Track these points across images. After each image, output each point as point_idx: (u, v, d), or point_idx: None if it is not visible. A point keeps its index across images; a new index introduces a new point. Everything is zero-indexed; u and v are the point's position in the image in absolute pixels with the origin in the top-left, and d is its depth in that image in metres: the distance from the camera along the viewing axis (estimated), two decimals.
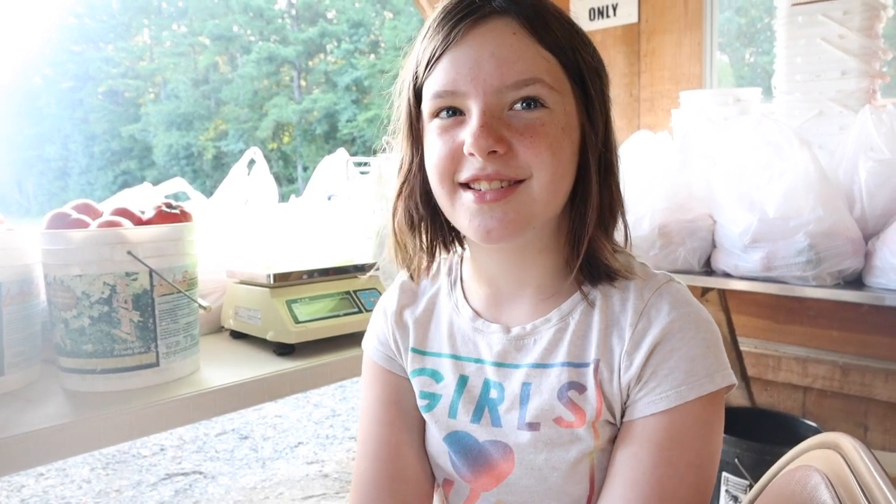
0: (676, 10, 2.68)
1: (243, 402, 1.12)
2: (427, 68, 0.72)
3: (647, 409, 0.71)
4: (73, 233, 1.03)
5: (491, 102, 0.68)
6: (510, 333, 0.79)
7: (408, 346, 0.86)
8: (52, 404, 1.00)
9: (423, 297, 0.88)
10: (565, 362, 0.75)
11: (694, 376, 0.70)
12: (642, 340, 0.72)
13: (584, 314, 0.77)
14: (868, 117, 1.80)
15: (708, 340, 0.72)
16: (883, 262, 1.63)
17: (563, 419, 0.74)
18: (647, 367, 0.72)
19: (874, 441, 2.28)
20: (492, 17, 0.70)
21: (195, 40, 26.70)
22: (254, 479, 2.81)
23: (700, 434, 0.71)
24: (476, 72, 0.68)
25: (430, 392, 0.83)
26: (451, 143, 0.70)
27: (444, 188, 0.72)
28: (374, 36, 25.77)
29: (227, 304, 1.39)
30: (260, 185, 1.58)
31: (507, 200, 0.69)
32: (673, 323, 0.72)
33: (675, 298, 0.74)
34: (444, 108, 0.71)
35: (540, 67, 0.69)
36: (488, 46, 0.69)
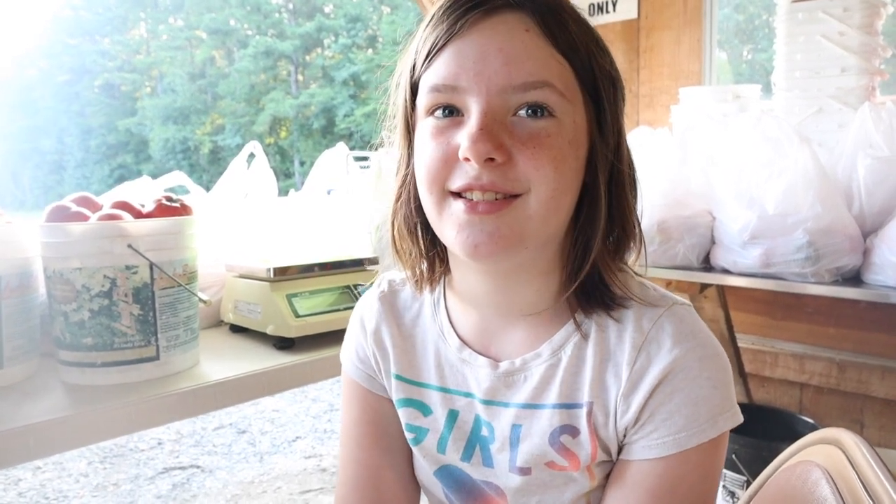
0: (676, 6, 2.68)
1: (243, 396, 1.12)
2: (427, 59, 0.65)
3: (642, 453, 0.67)
4: (73, 226, 1.03)
5: (494, 103, 0.61)
6: (498, 369, 0.72)
7: (389, 370, 0.80)
8: (52, 397, 1.00)
9: (405, 316, 0.81)
10: (557, 404, 0.69)
11: (695, 422, 0.64)
12: (641, 381, 0.66)
13: (577, 347, 0.70)
14: (867, 115, 1.80)
15: (714, 379, 0.65)
16: (881, 259, 1.63)
17: (555, 464, 0.70)
18: (645, 410, 0.66)
19: (870, 437, 2.28)
20: (504, 10, 0.63)
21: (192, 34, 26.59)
22: (251, 474, 2.81)
23: (696, 481, 0.66)
24: (481, 66, 0.61)
25: (417, 426, 0.77)
26: (445, 146, 0.63)
27: (433, 195, 0.65)
28: (371, 31, 25.70)
29: (227, 297, 1.39)
30: (259, 178, 1.57)
31: (500, 214, 0.62)
32: (675, 361, 0.65)
33: (678, 330, 0.67)
34: (441, 105, 0.64)
35: (551, 71, 0.62)
36: (497, 40, 0.61)
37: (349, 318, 1.31)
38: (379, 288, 0.84)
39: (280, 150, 24.86)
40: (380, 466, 0.79)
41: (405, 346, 0.79)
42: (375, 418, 0.81)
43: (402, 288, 0.82)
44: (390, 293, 0.82)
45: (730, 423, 0.66)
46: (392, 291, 0.82)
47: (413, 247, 0.74)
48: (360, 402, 0.82)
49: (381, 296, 0.82)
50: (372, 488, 0.78)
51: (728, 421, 0.66)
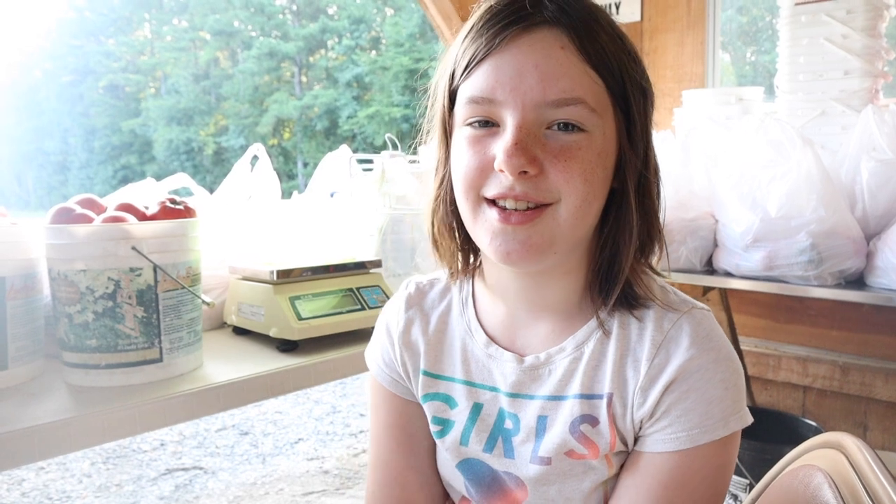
0: (679, 9, 2.68)
1: (246, 398, 1.12)
2: (465, 71, 0.68)
3: (657, 446, 0.69)
4: (78, 228, 1.03)
5: (528, 118, 0.65)
6: (524, 363, 0.75)
7: (418, 369, 0.82)
8: (56, 399, 1.01)
9: (434, 314, 0.84)
10: (578, 394, 0.72)
11: (709, 419, 0.67)
12: (658, 377, 0.69)
13: (600, 343, 0.73)
14: (871, 117, 1.80)
15: (727, 381, 0.69)
16: (884, 262, 1.63)
17: (575, 452, 0.72)
18: (660, 405, 0.69)
19: (874, 441, 2.28)
20: (541, 27, 0.65)
21: (196, 35, 26.63)
22: (254, 475, 2.81)
23: (707, 477, 0.69)
24: (517, 82, 0.64)
25: (444, 418, 0.80)
26: (481, 155, 0.67)
27: (469, 201, 0.69)
28: (375, 32, 25.71)
29: (230, 300, 1.39)
30: (263, 181, 1.58)
31: (532, 224, 0.66)
32: (692, 361, 0.68)
33: (696, 332, 0.70)
34: (478, 116, 0.67)
35: (584, 87, 0.65)
36: (533, 57, 0.64)
37: (352, 320, 1.32)
38: (406, 290, 0.87)
39: (283, 152, 24.88)
40: (404, 469, 0.83)
41: (433, 342, 0.82)
42: (401, 422, 0.84)
43: (430, 289, 0.86)
44: (417, 294, 0.86)
45: (740, 423, 0.69)
46: (419, 293, 0.86)
47: (451, 242, 0.79)
48: (386, 406, 0.86)
49: (408, 298, 0.86)
50: (399, 489, 0.83)
51: (738, 422, 0.69)
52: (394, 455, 0.84)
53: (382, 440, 0.85)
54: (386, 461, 0.84)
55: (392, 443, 0.84)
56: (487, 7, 0.69)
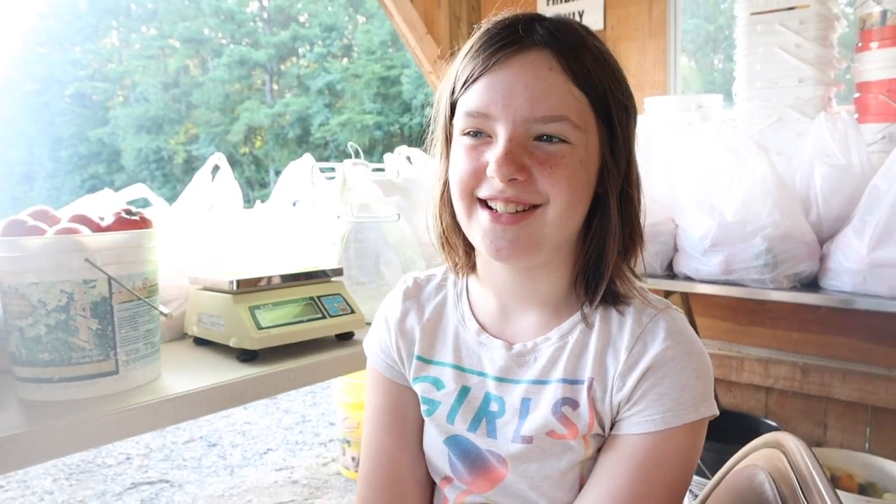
0: (641, 17, 2.73)
1: (205, 409, 1.11)
2: (464, 86, 0.76)
3: (633, 428, 0.76)
4: (29, 240, 1.02)
5: (518, 131, 0.72)
6: (512, 350, 0.82)
7: (412, 354, 0.90)
8: (7, 414, 0.99)
9: (429, 305, 0.92)
10: (561, 379, 0.79)
11: (681, 404, 0.74)
12: (636, 364, 0.76)
13: (583, 334, 0.80)
14: (823, 124, 1.85)
15: (698, 371, 0.76)
16: (837, 265, 1.68)
17: (555, 432, 0.78)
18: (637, 389, 0.75)
19: (833, 439, 2.34)
20: (532, 49, 0.73)
21: (165, 43, 26.34)
22: (222, 487, 2.78)
23: (678, 459, 0.75)
24: (508, 100, 0.72)
25: (431, 398, 0.87)
26: (476, 161, 0.74)
27: (464, 202, 0.77)
28: (346, 40, 25.68)
29: (191, 310, 1.38)
30: (224, 190, 1.57)
31: (521, 225, 0.73)
32: (667, 350, 0.75)
33: (671, 327, 0.77)
34: (474, 128, 0.75)
35: (569, 106, 0.72)
36: (523, 78, 0.72)
37: (313, 329, 1.32)
38: (405, 284, 0.95)
39: (255, 160, 24.68)
40: (396, 449, 0.90)
41: (427, 329, 0.90)
42: (394, 405, 0.91)
43: (426, 283, 0.95)
44: (415, 287, 0.94)
45: (709, 411, 0.76)
46: (416, 286, 0.94)
47: (458, 239, 0.86)
48: (381, 390, 0.93)
49: (405, 290, 0.94)
50: (391, 468, 0.89)
51: (707, 409, 0.76)
52: (386, 436, 0.90)
53: (377, 422, 0.92)
54: (379, 441, 0.91)
55: (385, 425, 0.91)
56: (485, 29, 0.78)
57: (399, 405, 0.91)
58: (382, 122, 21.75)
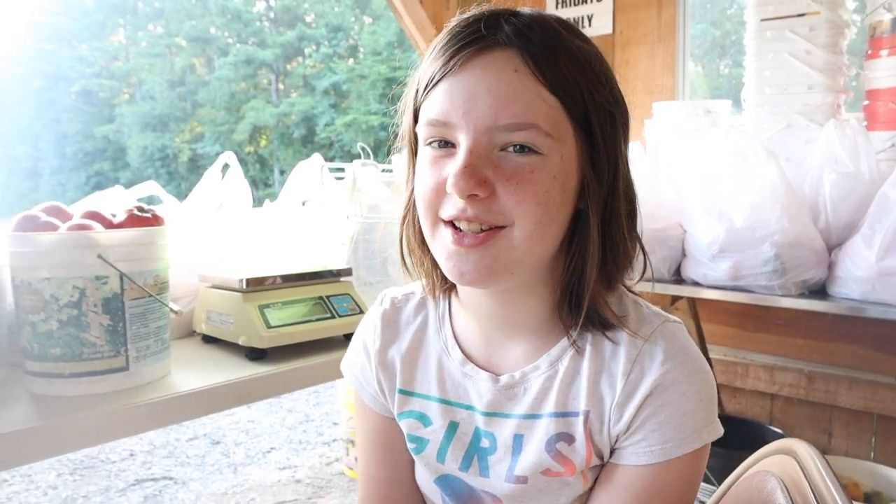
0: (650, 22, 2.73)
1: (214, 407, 1.11)
2: (425, 90, 0.69)
3: (632, 459, 0.71)
4: (42, 235, 1.02)
5: (480, 141, 0.64)
6: (499, 383, 0.75)
7: (394, 387, 0.83)
8: (18, 408, 0.99)
9: (408, 331, 0.84)
10: (553, 412, 0.73)
11: (683, 433, 0.69)
12: (634, 392, 0.70)
13: (573, 360, 0.73)
14: (833, 131, 1.84)
15: (701, 393, 0.70)
16: (845, 272, 1.68)
17: (551, 471, 0.73)
18: (636, 419, 0.70)
19: (838, 447, 2.33)
20: (496, 49, 0.65)
21: (172, 41, 26.39)
22: (225, 485, 2.78)
23: (679, 487, 0.71)
24: (469, 106, 0.64)
25: (418, 436, 0.81)
26: (437, 176, 0.67)
27: (428, 220, 0.69)
28: (353, 40, 25.70)
29: (199, 308, 1.39)
30: (234, 189, 1.57)
31: (484, 247, 0.65)
32: (666, 375, 0.69)
33: (670, 345, 0.71)
34: (435, 137, 0.67)
35: (538, 112, 0.64)
36: (486, 81, 0.64)
37: (322, 328, 1.32)
38: (381, 307, 0.86)
39: (260, 159, 24.71)
40: (388, 483, 0.86)
41: (407, 360, 0.82)
42: (381, 437, 0.86)
43: (404, 304, 0.86)
44: (392, 310, 0.85)
45: (712, 436, 0.71)
46: (394, 308, 0.85)
47: (424, 257, 0.77)
48: (369, 420, 0.87)
49: (383, 314, 0.85)
50: (381, 498, 0.86)
51: (711, 434, 0.71)
52: (377, 468, 0.86)
53: (367, 453, 0.88)
54: (372, 474, 0.87)
55: (375, 456, 0.86)
56: (449, 28, 0.69)
57: (386, 436, 0.85)
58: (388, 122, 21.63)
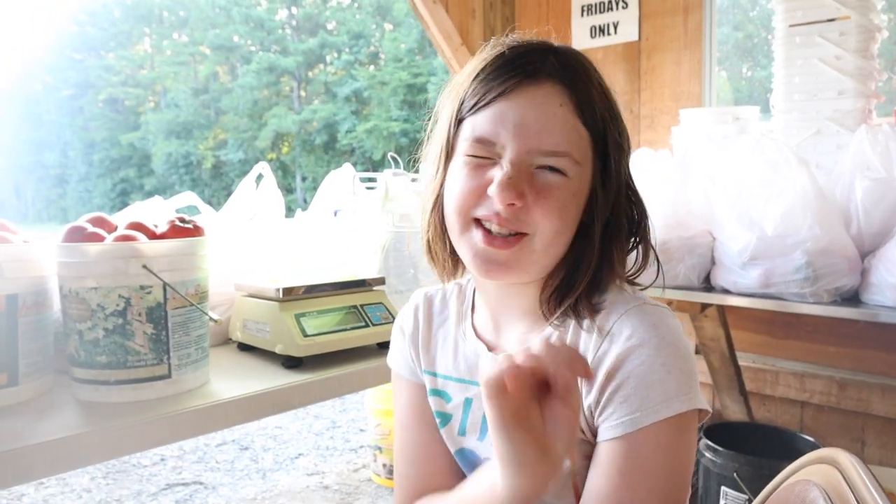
0: (676, 28, 2.72)
1: (253, 415, 1.13)
2: (473, 108, 0.78)
3: (606, 433, 0.74)
4: (90, 246, 1.05)
5: (522, 160, 0.74)
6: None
7: (422, 366, 0.94)
8: (66, 415, 1.02)
9: (436, 320, 0.96)
10: None
11: (649, 402, 0.71)
12: (600, 366, 0.75)
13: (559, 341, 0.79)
14: (864, 136, 1.83)
15: (668, 365, 0.72)
16: (879, 279, 1.66)
17: None
18: (604, 393, 0.74)
19: (872, 456, 2.30)
20: (545, 81, 0.76)
21: (196, 50, 26.80)
22: (254, 491, 2.82)
23: (661, 460, 0.71)
24: (519, 130, 0.74)
25: (442, 412, 0.91)
26: (478, 180, 0.76)
27: (459, 218, 0.78)
28: (374, 47, 25.89)
29: (236, 316, 1.41)
30: (267, 199, 1.60)
31: (512, 251, 0.76)
32: (631, 348, 0.73)
33: (640, 321, 0.75)
34: (480, 154, 0.77)
35: (572, 143, 0.75)
36: (534, 110, 0.75)
37: (356, 337, 1.34)
38: (415, 300, 0.99)
39: (282, 166, 24.97)
40: (428, 442, 0.92)
41: (431, 344, 0.94)
42: (420, 402, 0.94)
43: (435, 298, 0.98)
44: (424, 302, 0.98)
45: (686, 405, 0.71)
46: (426, 301, 0.98)
47: (443, 252, 0.88)
48: (408, 392, 0.96)
49: (416, 305, 0.98)
50: (428, 461, 0.91)
51: (684, 404, 0.71)
52: (418, 433, 0.92)
53: (407, 422, 0.94)
54: (412, 440, 0.93)
55: (416, 421, 0.93)
56: (499, 53, 0.79)
57: (424, 401, 0.94)
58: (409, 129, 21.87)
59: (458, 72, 2.99)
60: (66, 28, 26.73)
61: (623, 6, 2.84)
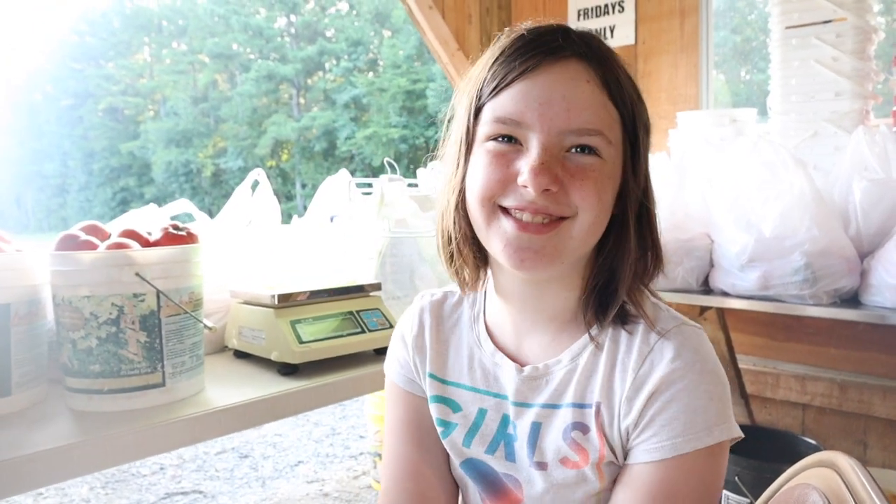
0: (673, 32, 2.73)
1: (249, 422, 1.13)
2: (493, 92, 0.73)
3: (643, 456, 0.71)
4: (83, 254, 1.05)
5: (552, 141, 0.70)
6: (523, 373, 0.80)
7: (425, 370, 0.88)
8: (59, 424, 1.01)
9: (444, 324, 0.90)
10: (571, 403, 0.76)
11: (692, 429, 0.69)
12: (642, 386, 0.72)
13: (593, 355, 0.77)
14: (862, 138, 1.83)
15: (711, 392, 0.71)
16: (878, 280, 1.65)
17: (568, 459, 0.76)
18: (644, 414, 0.71)
19: (874, 458, 2.28)
20: (570, 59, 0.71)
21: (195, 58, 26.87)
22: (254, 499, 2.80)
23: (695, 488, 0.70)
24: (545, 109, 0.70)
25: (446, 420, 0.86)
26: (504, 169, 0.71)
27: (484, 209, 0.73)
28: (372, 54, 25.95)
29: (231, 323, 1.40)
30: (263, 206, 1.60)
31: (549, 235, 0.71)
32: (675, 371, 0.71)
33: (682, 345, 0.73)
34: (504, 134, 0.72)
35: (604, 120, 0.71)
36: (561, 88, 0.70)
37: (352, 343, 1.33)
38: (420, 302, 0.94)
39: (282, 173, 25.00)
40: (419, 462, 0.87)
41: (441, 349, 0.89)
42: (416, 418, 0.89)
43: (442, 301, 0.92)
44: (430, 305, 0.92)
45: (726, 434, 0.71)
46: (432, 304, 0.92)
47: (469, 252, 0.81)
48: (401, 403, 0.91)
49: (421, 307, 0.92)
50: (412, 481, 0.86)
51: (724, 432, 0.70)
52: (408, 448, 0.88)
53: (397, 435, 0.90)
54: (400, 454, 0.88)
55: (406, 437, 0.89)
56: (519, 35, 0.74)
57: (421, 417, 0.89)
58: (408, 135, 21.91)
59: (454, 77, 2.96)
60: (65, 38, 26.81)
61: (619, 10, 2.84)
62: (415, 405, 0.90)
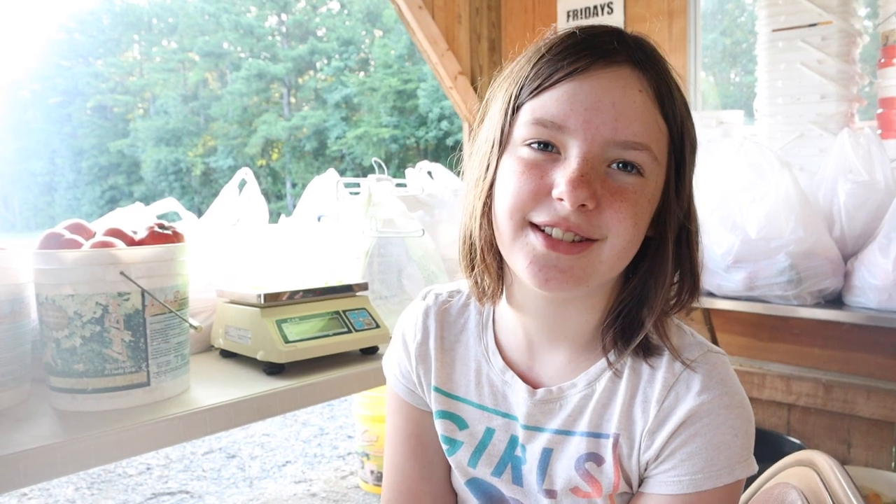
0: (661, 33, 2.74)
1: (234, 422, 1.12)
2: (535, 90, 0.67)
3: (660, 488, 0.69)
4: (66, 253, 1.04)
5: (595, 153, 0.64)
6: (536, 396, 0.75)
7: (430, 383, 0.83)
8: (43, 424, 1.01)
9: (450, 331, 0.84)
10: (586, 432, 0.73)
11: (714, 466, 0.67)
12: (667, 420, 0.69)
13: (611, 381, 0.73)
14: (846, 140, 1.84)
15: (737, 428, 0.68)
16: (861, 281, 1.67)
17: (580, 489, 0.73)
18: (666, 447, 0.69)
19: (858, 457, 2.30)
20: (623, 65, 0.65)
21: (185, 56, 26.74)
22: (241, 499, 2.79)
23: None
24: (591, 115, 0.64)
25: (452, 438, 0.81)
26: (538, 180, 0.65)
27: (512, 221, 0.67)
28: (363, 54, 25.92)
29: (217, 323, 1.40)
30: (250, 205, 1.59)
31: (578, 256, 0.65)
32: (702, 405, 0.67)
33: (709, 376, 0.69)
34: (542, 139, 0.66)
35: (653, 135, 0.65)
36: (611, 94, 0.64)
37: (339, 343, 1.33)
38: (424, 301, 0.87)
39: (272, 172, 24.92)
40: (418, 478, 0.84)
41: (445, 359, 0.83)
42: (416, 430, 0.85)
43: (449, 303, 0.85)
44: (435, 307, 0.85)
45: (746, 472, 0.68)
46: (438, 304, 0.86)
47: (493, 261, 0.74)
48: (402, 413, 0.87)
49: (425, 310, 0.86)
50: (410, 496, 0.84)
51: (744, 470, 0.68)
52: (408, 463, 0.85)
53: (398, 447, 0.87)
54: (401, 467, 0.86)
55: (407, 450, 0.86)
56: (570, 33, 0.68)
57: (421, 431, 0.85)
58: (398, 135, 21.90)
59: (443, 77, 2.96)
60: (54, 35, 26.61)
61: (608, 11, 2.86)
62: (416, 418, 0.86)
